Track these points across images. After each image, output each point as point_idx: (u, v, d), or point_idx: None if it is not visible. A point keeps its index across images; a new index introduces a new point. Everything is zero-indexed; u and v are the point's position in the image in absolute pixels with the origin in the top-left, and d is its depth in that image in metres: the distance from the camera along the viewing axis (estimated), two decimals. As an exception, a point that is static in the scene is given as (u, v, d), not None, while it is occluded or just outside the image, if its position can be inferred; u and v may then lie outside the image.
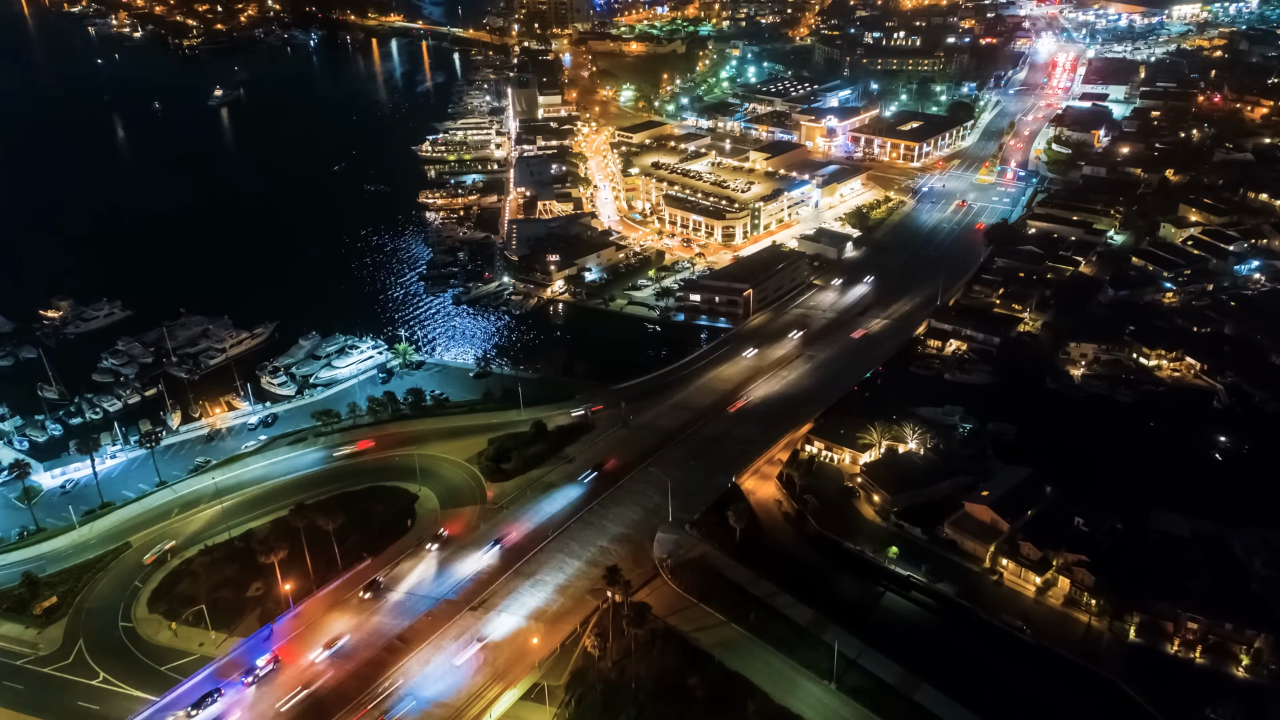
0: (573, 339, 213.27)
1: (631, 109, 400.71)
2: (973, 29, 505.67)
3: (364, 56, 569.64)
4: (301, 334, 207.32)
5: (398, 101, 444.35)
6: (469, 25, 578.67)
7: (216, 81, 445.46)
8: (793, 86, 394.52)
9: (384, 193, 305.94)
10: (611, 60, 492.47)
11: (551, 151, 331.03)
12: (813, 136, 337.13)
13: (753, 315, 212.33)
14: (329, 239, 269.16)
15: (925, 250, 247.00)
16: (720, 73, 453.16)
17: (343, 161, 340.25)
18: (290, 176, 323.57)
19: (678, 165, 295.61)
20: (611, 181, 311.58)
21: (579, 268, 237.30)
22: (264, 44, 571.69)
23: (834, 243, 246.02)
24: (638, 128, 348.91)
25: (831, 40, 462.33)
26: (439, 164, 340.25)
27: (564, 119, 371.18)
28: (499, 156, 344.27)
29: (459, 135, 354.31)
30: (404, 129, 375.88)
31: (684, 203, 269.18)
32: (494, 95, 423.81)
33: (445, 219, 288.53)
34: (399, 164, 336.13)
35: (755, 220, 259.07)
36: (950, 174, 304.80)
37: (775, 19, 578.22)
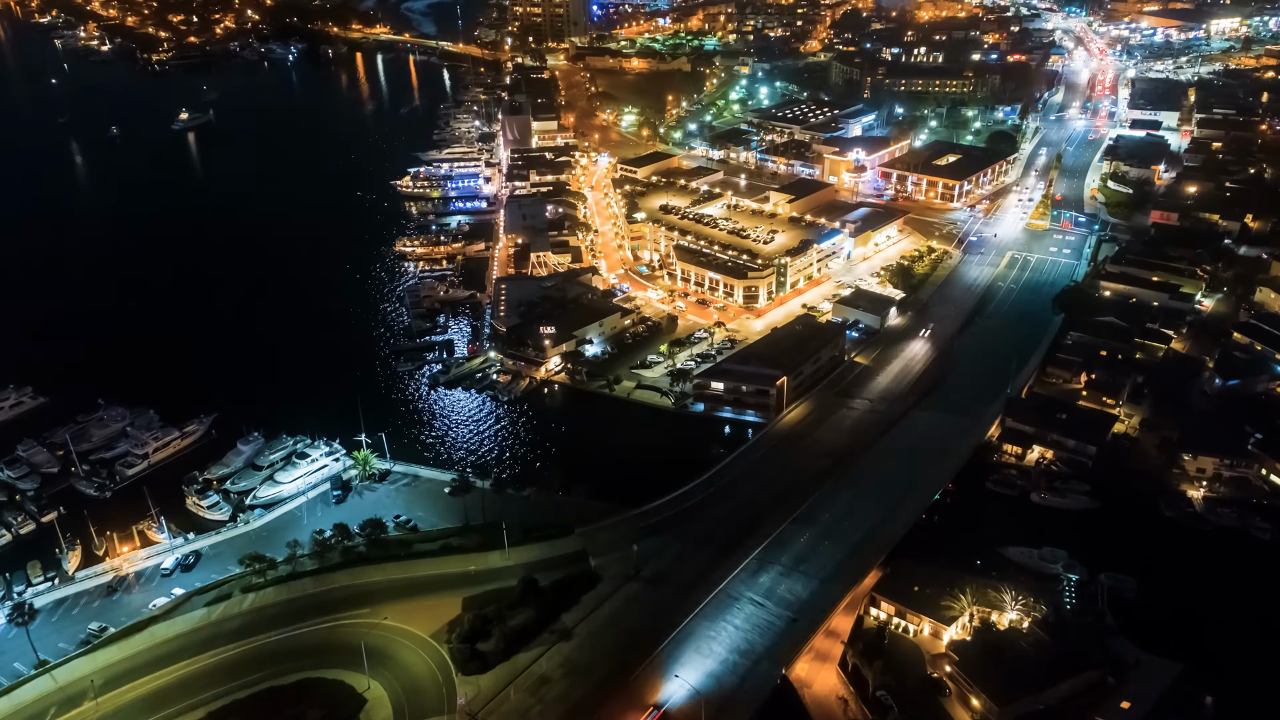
0: (570, 435, 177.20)
1: (634, 135, 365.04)
2: (998, 44, 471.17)
3: (346, 72, 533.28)
4: (242, 435, 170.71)
5: (380, 125, 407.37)
6: (460, 39, 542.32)
7: (184, 101, 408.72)
8: (810, 111, 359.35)
9: (351, 242, 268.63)
10: (611, 78, 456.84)
11: (547, 189, 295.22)
12: (837, 171, 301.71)
13: (787, 407, 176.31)
14: (288, 301, 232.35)
15: (982, 317, 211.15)
16: (729, 93, 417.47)
17: (313, 199, 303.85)
18: (251, 220, 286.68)
19: (689, 210, 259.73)
20: (614, 224, 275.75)
21: (578, 340, 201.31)
22: (239, 58, 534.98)
23: (875, 308, 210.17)
24: (642, 160, 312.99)
25: (849, 58, 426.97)
26: (421, 200, 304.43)
27: (560, 149, 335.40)
28: (488, 193, 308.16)
29: (443, 169, 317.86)
30: (384, 158, 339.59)
31: (698, 256, 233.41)
32: (484, 119, 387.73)
33: (425, 271, 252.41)
34: (377, 201, 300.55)
35: (781, 278, 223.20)
36: (996, 217, 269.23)
37: (784, 32, 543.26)
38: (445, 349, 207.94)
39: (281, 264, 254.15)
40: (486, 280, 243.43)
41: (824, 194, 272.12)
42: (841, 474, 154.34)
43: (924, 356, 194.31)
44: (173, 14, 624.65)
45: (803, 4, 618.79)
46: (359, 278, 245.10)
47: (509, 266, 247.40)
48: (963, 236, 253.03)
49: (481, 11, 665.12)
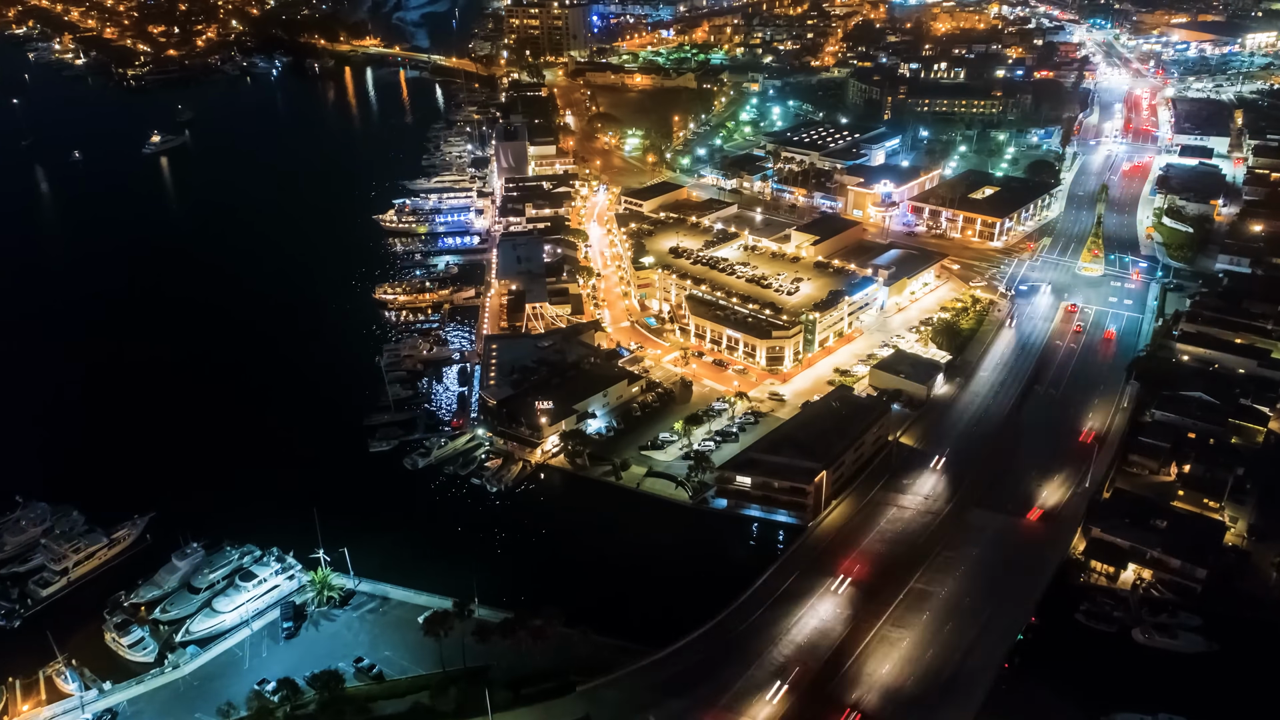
0: (571, 537, 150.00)
1: (638, 161, 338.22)
2: (1023, 59, 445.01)
3: (334, 87, 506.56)
4: (179, 545, 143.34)
5: (366, 146, 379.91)
6: (453, 52, 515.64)
7: (158, 121, 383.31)
8: (828, 134, 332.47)
9: (327, 289, 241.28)
10: (613, 96, 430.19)
11: (544, 224, 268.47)
12: (862, 205, 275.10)
13: (827, 506, 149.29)
14: (247, 366, 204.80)
15: (1043, 385, 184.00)
16: (739, 113, 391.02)
17: (288, 236, 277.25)
18: (216, 266, 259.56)
19: (702, 253, 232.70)
20: (619, 265, 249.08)
21: (579, 415, 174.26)
22: (220, 73, 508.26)
23: (919, 374, 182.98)
24: (648, 192, 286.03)
25: (867, 75, 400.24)
26: (406, 237, 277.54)
27: (559, 177, 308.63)
28: (480, 228, 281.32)
29: (431, 201, 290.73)
30: (369, 186, 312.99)
31: (714, 309, 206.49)
32: (477, 142, 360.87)
33: (406, 322, 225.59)
34: (358, 238, 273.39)
35: (809, 336, 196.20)
36: (1043, 259, 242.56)
37: (794, 45, 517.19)
38: (426, 421, 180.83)
39: (243, 320, 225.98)
40: (477, 335, 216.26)
41: (851, 234, 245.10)
42: (899, 605, 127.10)
43: (980, 435, 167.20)
44: (154, 24, 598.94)
45: (812, 15, 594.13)
46: (331, 333, 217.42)
47: (501, 318, 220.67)
48: (1009, 283, 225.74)
49: (477, 22, 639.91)
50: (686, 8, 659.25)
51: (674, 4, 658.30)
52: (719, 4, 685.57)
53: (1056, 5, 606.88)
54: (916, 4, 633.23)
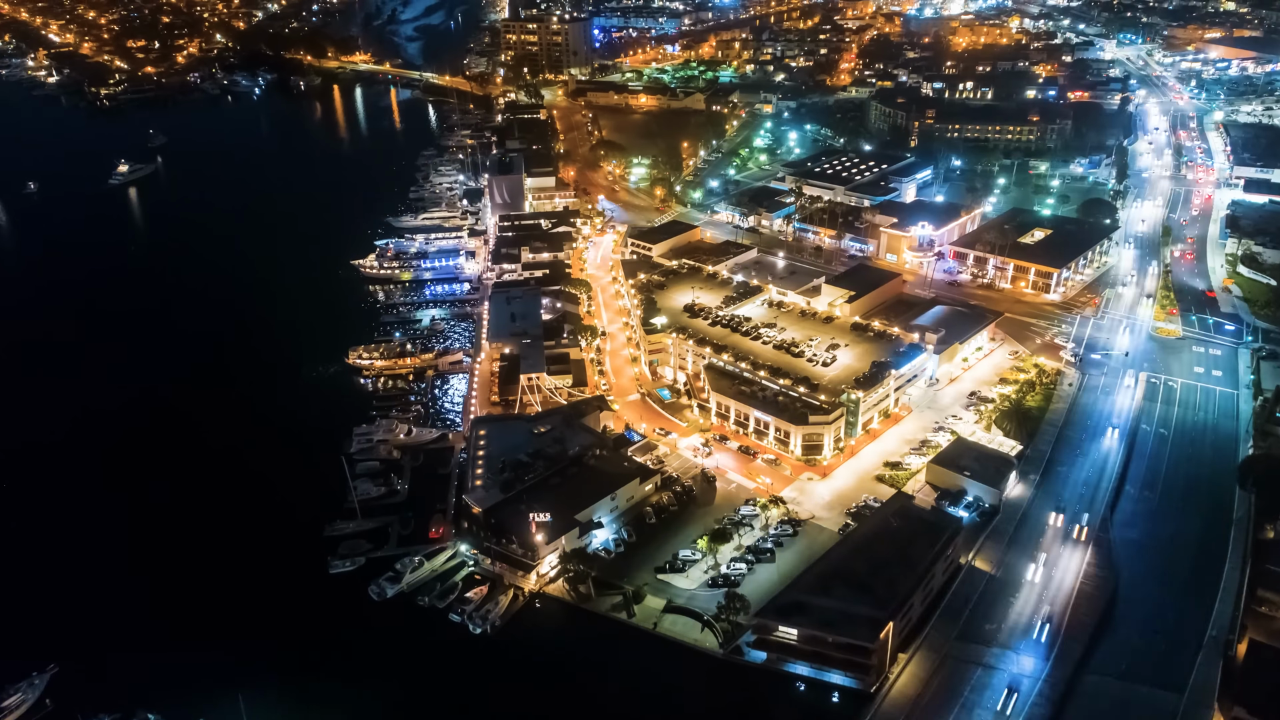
0: (571, 697, 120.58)
1: (645, 193, 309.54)
2: (1055, 78, 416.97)
3: (320, 107, 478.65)
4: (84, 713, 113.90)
5: (352, 174, 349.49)
6: (446, 69, 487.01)
7: (129, 145, 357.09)
8: (852, 165, 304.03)
9: (295, 352, 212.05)
10: (616, 118, 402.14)
11: (542, 271, 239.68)
12: (897, 249, 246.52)
13: (895, 666, 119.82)
14: (192, 452, 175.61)
15: (1136, 487, 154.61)
16: (753, 138, 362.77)
17: (258, 283, 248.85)
18: (170, 324, 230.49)
19: (722, 312, 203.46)
20: (626, 320, 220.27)
21: (581, 528, 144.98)
22: (199, 92, 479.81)
23: (987, 472, 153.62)
24: (658, 233, 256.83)
25: (890, 97, 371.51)
26: (388, 284, 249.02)
27: (559, 215, 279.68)
28: (471, 273, 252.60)
29: (417, 242, 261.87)
30: (351, 223, 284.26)
31: (738, 383, 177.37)
32: (470, 172, 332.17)
33: (383, 391, 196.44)
34: (336, 286, 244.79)
35: (851, 419, 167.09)
36: (1107, 315, 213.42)
37: (807, 62, 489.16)
38: (400, 531, 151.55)
39: (191, 395, 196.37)
40: (464, 414, 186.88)
41: (890, 288, 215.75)
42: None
43: (1068, 560, 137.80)
44: (134, 38, 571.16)
45: (825, 29, 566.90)
46: (295, 409, 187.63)
47: (492, 390, 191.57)
48: (1076, 350, 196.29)
49: (473, 36, 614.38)
50: (692, 21, 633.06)
51: (678, 17, 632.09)
52: (725, 17, 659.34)
53: (1080, 19, 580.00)
54: (932, 16, 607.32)
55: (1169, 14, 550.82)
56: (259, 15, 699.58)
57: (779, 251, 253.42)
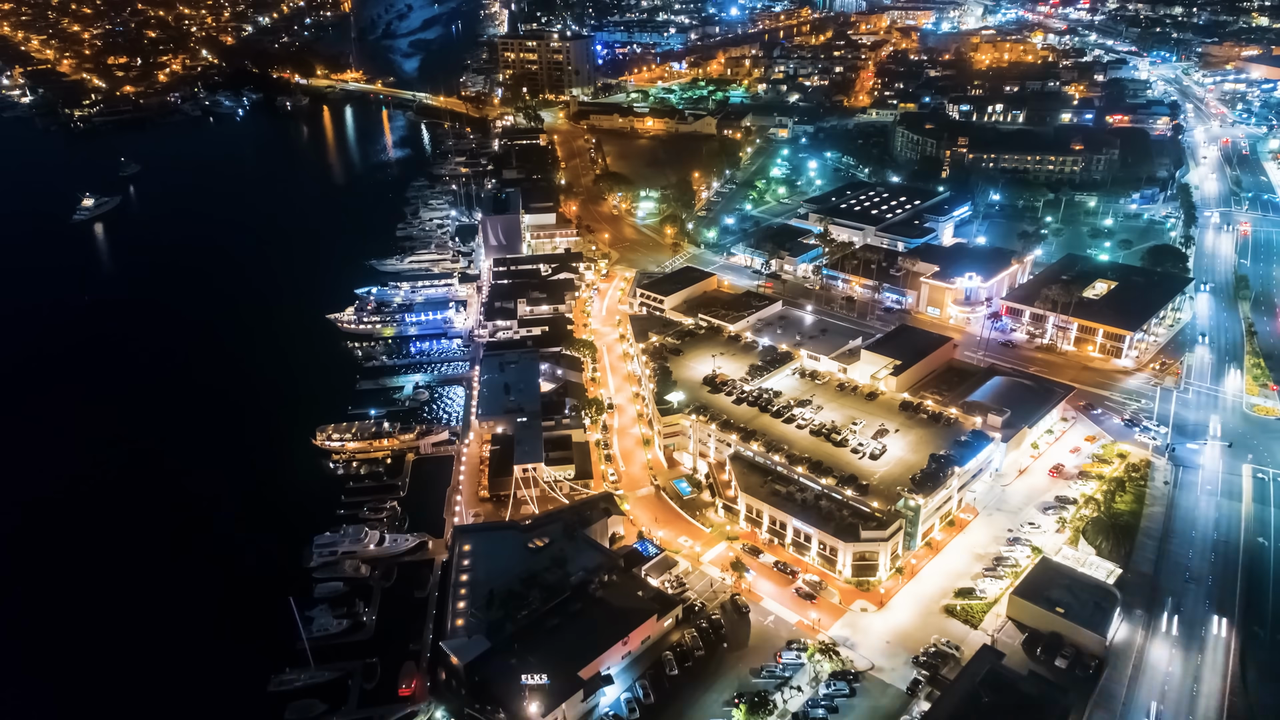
0: None
1: (654, 231, 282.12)
2: (1090, 100, 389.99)
3: (308, 129, 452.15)
4: None
5: (334, 210, 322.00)
6: (441, 89, 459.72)
7: (100, 173, 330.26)
8: (882, 200, 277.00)
9: (257, 432, 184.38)
10: (621, 143, 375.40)
11: (541, 328, 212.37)
12: (939, 302, 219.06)
13: None
14: (113, 572, 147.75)
15: (1265, 628, 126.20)
16: (769, 167, 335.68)
17: (223, 343, 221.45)
18: (118, 396, 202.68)
19: (748, 387, 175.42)
20: (636, 390, 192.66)
21: (585, 689, 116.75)
22: (179, 113, 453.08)
23: (1085, 608, 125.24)
24: (670, 283, 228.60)
25: (917, 122, 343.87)
26: (368, 341, 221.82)
27: (561, 258, 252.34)
28: (461, 328, 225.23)
29: (398, 295, 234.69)
30: (330, 267, 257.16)
31: (771, 481, 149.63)
32: (463, 204, 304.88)
33: (354, 484, 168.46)
34: (308, 344, 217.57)
35: (910, 531, 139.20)
36: (1192, 386, 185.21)
37: (822, 81, 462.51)
38: (363, 683, 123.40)
39: (128, 482, 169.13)
40: (446, 509, 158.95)
41: (939, 355, 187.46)
42: None
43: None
44: (116, 55, 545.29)
45: (839, 45, 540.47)
46: (246, 511, 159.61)
47: (481, 482, 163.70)
48: (1163, 437, 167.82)
49: (470, 52, 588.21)
50: (699, 36, 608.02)
51: (685, 32, 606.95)
52: (733, 31, 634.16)
53: (1107, 34, 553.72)
54: (950, 31, 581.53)
55: (1200, 30, 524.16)
56: (249, 30, 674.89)
57: (806, 304, 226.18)
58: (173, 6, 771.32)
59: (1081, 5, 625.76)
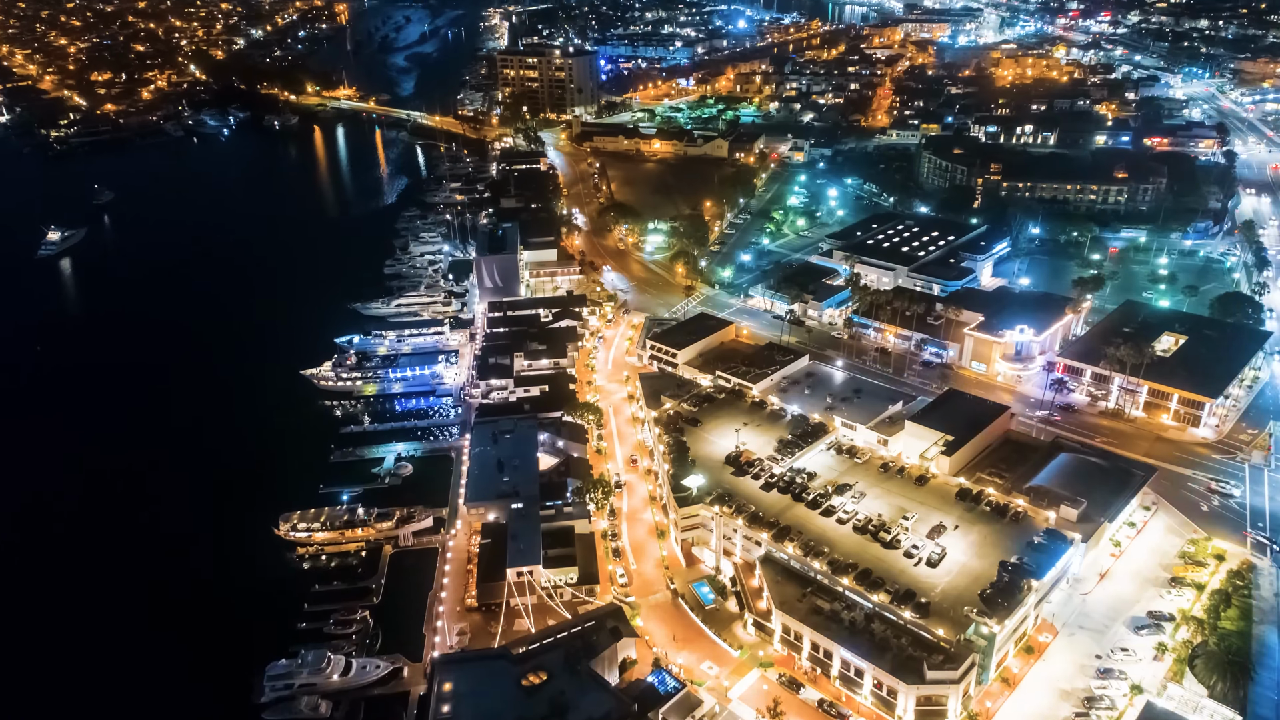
0: None
1: (664, 268, 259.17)
2: (1125, 121, 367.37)
3: (295, 150, 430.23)
4: None
5: (318, 243, 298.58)
6: (438, 107, 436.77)
7: (72, 201, 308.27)
8: (911, 233, 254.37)
9: (213, 517, 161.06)
10: (627, 167, 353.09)
11: (540, 389, 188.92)
12: (986, 356, 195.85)
13: None
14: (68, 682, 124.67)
15: None
16: (787, 194, 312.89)
17: (185, 403, 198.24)
18: (57, 470, 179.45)
19: (777, 468, 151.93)
20: (648, 467, 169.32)
21: None
22: (161, 133, 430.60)
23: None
24: (683, 332, 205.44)
25: (944, 146, 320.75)
26: (347, 400, 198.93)
27: (562, 302, 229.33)
28: (451, 385, 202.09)
29: (383, 344, 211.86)
30: (310, 310, 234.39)
31: (810, 595, 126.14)
32: (457, 236, 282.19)
33: (320, 586, 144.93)
34: (280, 405, 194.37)
35: (984, 663, 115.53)
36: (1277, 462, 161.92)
37: (837, 99, 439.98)
38: None
39: (54, 579, 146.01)
40: (426, 622, 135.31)
41: (997, 427, 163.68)
42: None
43: None
44: (100, 70, 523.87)
45: (852, 60, 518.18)
46: (193, 626, 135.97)
47: (468, 588, 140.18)
48: (1266, 534, 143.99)
49: (468, 67, 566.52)
50: (705, 50, 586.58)
51: (691, 45, 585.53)
52: (741, 45, 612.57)
53: (1132, 48, 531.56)
54: (968, 45, 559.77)
55: (1230, 44, 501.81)
56: (240, 43, 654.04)
57: (834, 356, 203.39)
58: (164, 19, 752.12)
59: (1103, 18, 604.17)
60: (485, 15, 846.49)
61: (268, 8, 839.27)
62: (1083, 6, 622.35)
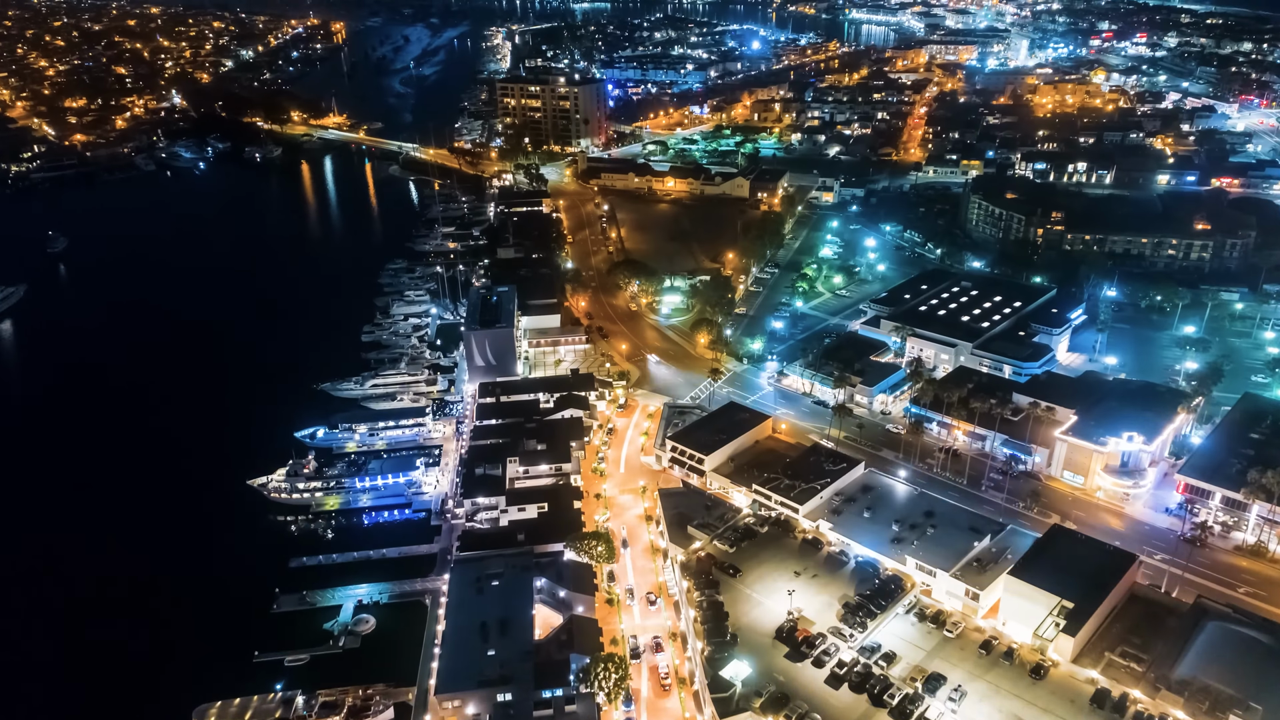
0: None
1: (682, 335, 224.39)
2: (1189, 159, 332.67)
3: (279, 184, 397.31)
4: None
5: (288, 302, 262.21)
6: (433, 138, 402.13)
7: (29, 243, 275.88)
8: (968, 297, 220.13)
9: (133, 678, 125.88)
10: (638, 209, 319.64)
11: (538, 509, 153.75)
12: (1083, 467, 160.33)
13: None
14: None
15: None
16: (818, 244, 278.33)
17: (101, 545, 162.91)
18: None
19: (845, 643, 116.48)
20: (671, 625, 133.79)
21: None
22: (131, 167, 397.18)
23: None
24: (710, 430, 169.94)
25: (995, 189, 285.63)
26: (305, 515, 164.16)
27: (566, 384, 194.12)
28: (430, 495, 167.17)
29: (352, 439, 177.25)
30: (267, 394, 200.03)
31: None
32: (448, 297, 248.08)
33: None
34: (220, 529, 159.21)
35: None
36: None
37: (864, 129, 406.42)
38: None
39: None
40: None
41: (1124, 584, 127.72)
42: None
43: None
44: (75, 96, 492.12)
45: (877, 85, 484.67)
46: None
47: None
48: None
49: (468, 92, 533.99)
50: (718, 73, 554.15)
51: (704, 69, 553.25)
52: (756, 68, 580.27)
53: (1174, 72, 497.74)
54: (999, 69, 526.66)
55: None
56: (229, 65, 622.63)
57: (893, 460, 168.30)
58: (152, 39, 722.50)
59: (1139, 40, 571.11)
60: (488, 34, 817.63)
61: (261, 27, 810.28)
62: (1116, 27, 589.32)
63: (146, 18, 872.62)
